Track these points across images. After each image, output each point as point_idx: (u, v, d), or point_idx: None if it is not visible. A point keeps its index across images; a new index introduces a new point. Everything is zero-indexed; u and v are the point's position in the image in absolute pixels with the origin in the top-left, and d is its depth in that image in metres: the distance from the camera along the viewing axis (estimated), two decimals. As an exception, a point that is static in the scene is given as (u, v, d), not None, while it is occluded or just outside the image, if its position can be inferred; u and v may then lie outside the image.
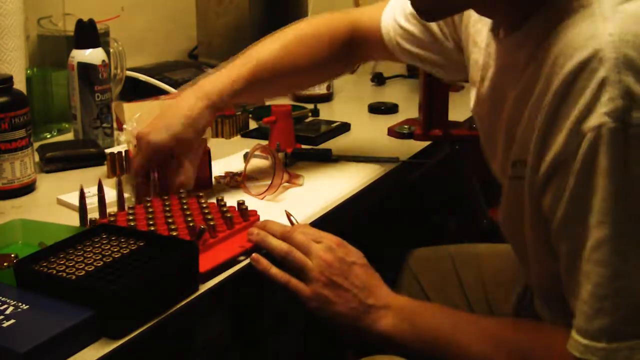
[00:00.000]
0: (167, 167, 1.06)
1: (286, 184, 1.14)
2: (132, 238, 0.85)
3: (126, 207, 1.00)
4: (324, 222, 1.06)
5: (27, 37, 1.42)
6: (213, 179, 1.16)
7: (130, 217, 0.95)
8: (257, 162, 1.19)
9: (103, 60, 1.34)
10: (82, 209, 0.96)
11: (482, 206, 1.51)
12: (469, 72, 1.04)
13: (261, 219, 0.99)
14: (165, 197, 1.02)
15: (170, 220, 0.95)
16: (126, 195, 1.03)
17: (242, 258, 0.91)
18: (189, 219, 0.94)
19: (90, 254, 0.81)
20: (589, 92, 0.71)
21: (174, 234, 0.90)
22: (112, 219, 0.95)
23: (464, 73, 1.07)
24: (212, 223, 0.92)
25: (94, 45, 1.33)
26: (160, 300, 0.78)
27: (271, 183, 1.10)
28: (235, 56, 1.17)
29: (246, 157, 1.18)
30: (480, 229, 1.51)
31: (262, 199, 1.10)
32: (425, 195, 1.66)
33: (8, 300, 0.74)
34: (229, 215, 0.95)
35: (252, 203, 1.06)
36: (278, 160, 1.12)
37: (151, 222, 0.93)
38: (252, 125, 1.49)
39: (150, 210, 0.98)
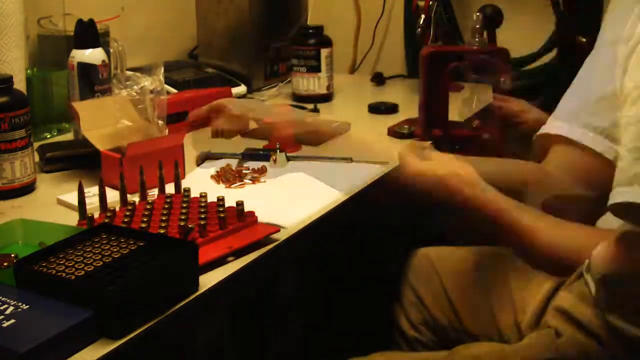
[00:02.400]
0: None
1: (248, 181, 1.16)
2: (132, 238, 0.85)
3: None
4: (325, 222, 1.06)
5: (27, 37, 1.42)
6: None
7: (128, 213, 0.96)
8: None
9: (103, 60, 1.34)
10: (81, 203, 0.97)
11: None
12: None
13: (260, 219, 0.99)
14: (168, 195, 1.03)
15: (164, 218, 0.95)
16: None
17: (230, 259, 0.91)
18: (183, 217, 0.95)
19: (90, 254, 0.81)
20: None
21: (163, 231, 0.91)
22: (109, 214, 0.96)
23: None
24: (202, 222, 0.92)
25: (94, 45, 1.33)
26: (160, 300, 0.78)
27: None
28: None
29: (243, 158, 1.18)
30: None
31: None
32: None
33: (8, 300, 0.74)
34: (222, 215, 0.95)
35: (252, 203, 1.06)
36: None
37: (145, 219, 0.94)
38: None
39: (149, 207, 0.98)
